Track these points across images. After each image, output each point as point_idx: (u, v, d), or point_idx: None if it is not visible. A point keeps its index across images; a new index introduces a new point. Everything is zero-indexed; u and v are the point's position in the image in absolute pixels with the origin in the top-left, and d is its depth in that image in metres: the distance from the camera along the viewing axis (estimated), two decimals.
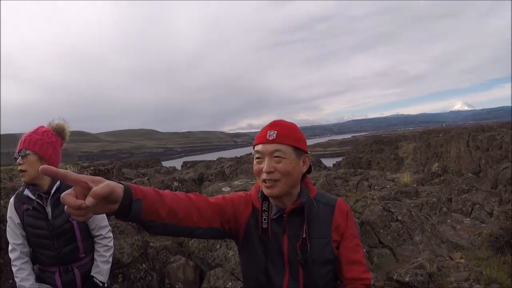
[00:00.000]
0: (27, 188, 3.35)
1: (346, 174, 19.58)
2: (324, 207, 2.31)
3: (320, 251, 2.21)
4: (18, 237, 3.35)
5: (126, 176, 16.46)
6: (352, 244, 2.28)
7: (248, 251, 2.35)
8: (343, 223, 2.28)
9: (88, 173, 9.28)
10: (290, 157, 2.18)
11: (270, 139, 2.18)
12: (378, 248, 6.63)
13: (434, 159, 52.20)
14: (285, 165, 2.16)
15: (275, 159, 2.17)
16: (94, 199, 1.50)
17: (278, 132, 2.20)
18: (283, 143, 2.18)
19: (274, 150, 2.17)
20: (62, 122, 3.59)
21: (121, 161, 43.85)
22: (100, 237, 3.55)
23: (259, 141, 2.24)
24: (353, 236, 2.31)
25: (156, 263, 5.93)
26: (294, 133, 2.25)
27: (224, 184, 6.90)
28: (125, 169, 20.85)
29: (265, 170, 2.17)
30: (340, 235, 2.27)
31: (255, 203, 2.35)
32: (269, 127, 2.24)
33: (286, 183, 2.18)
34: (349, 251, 2.27)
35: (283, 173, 2.16)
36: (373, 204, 7.49)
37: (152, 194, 1.87)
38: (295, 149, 2.21)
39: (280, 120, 2.32)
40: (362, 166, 58.72)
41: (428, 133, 64.31)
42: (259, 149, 2.22)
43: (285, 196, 2.24)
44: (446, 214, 11.23)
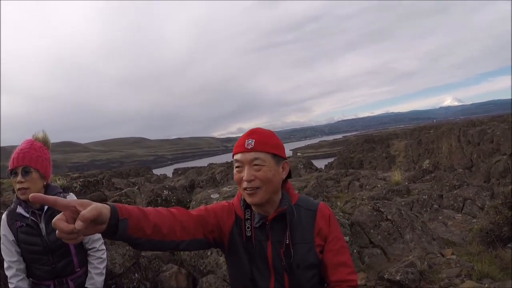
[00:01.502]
0: (19, 205, 3.35)
1: (338, 174, 19.65)
2: (306, 212, 2.34)
3: (303, 256, 2.25)
4: (13, 254, 3.35)
5: (116, 186, 16.43)
6: (336, 246, 2.31)
7: (233, 258, 2.38)
8: (325, 227, 2.31)
9: (78, 185, 9.29)
10: (269, 165, 2.21)
11: (248, 148, 2.22)
12: (369, 248, 6.66)
13: (425, 155, 52.36)
14: (265, 172, 2.19)
15: (254, 167, 2.20)
16: (83, 222, 1.57)
17: (256, 140, 2.23)
18: (262, 151, 2.22)
19: (253, 159, 2.21)
20: (45, 133, 3.59)
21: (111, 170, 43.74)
22: (94, 249, 3.57)
23: (238, 150, 2.27)
24: (337, 238, 2.33)
25: (148, 272, 5.95)
26: (272, 141, 2.29)
27: (213, 191, 6.92)
28: (115, 179, 20.80)
29: (245, 179, 2.20)
30: (323, 239, 2.30)
31: (237, 211, 2.39)
32: (247, 136, 2.28)
33: (267, 190, 2.22)
34: (334, 254, 2.30)
35: (263, 181, 2.19)
36: (363, 205, 7.52)
37: (137, 213, 1.94)
38: (274, 156, 2.25)
39: (258, 128, 2.35)
40: (354, 166, 58.80)
41: (419, 130, 64.56)
42: (239, 158, 2.25)
43: (266, 203, 2.28)
44: (437, 210, 11.30)
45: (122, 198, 9.13)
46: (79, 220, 1.57)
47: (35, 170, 3.27)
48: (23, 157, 3.25)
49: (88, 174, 23.70)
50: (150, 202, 8.65)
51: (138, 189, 10.21)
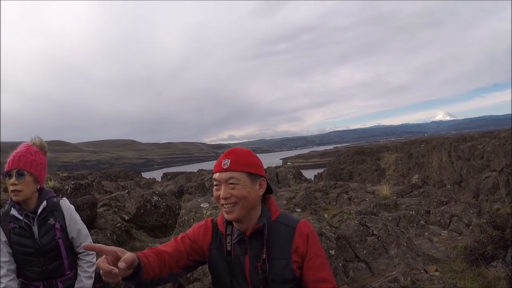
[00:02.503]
0: (13, 207, 3.42)
1: (326, 186, 19.64)
2: (285, 229, 2.45)
3: (279, 271, 2.37)
4: (4, 254, 3.40)
5: (106, 189, 16.43)
6: (316, 264, 2.40)
7: (214, 271, 2.54)
8: (303, 246, 2.41)
9: (69, 187, 9.31)
10: (243, 183, 2.36)
11: (224, 168, 2.38)
12: (354, 262, 6.68)
13: (416, 169, 52.42)
14: (239, 190, 2.35)
15: (230, 185, 2.36)
16: (125, 264, 1.97)
17: (231, 160, 2.39)
18: (236, 170, 2.37)
19: (228, 178, 2.36)
20: (41, 140, 3.68)
21: (101, 171, 43.55)
22: (84, 254, 3.64)
23: (215, 170, 2.44)
24: (317, 256, 2.42)
25: None
26: (248, 160, 2.44)
27: (203, 200, 6.96)
28: (105, 182, 20.77)
29: (222, 197, 2.36)
30: (300, 257, 2.40)
31: (220, 227, 2.56)
32: (224, 156, 2.45)
33: (243, 206, 2.36)
34: (314, 271, 2.38)
35: (239, 198, 2.34)
36: (350, 219, 7.57)
37: (148, 259, 2.29)
38: (249, 175, 2.39)
39: (236, 148, 2.51)
40: (343, 177, 58.80)
41: (410, 144, 64.65)
42: (216, 177, 2.42)
43: (245, 219, 2.43)
44: (423, 227, 11.38)
45: (112, 202, 9.17)
46: (122, 261, 1.96)
47: (29, 174, 3.35)
48: (18, 160, 3.33)
49: (77, 174, 23.65)
50: (139, 207, 8.69)
51: (128, 193, 10.25)
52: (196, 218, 6.47)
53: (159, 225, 8.71)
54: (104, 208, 8.53)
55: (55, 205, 3.53)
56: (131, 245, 7.27)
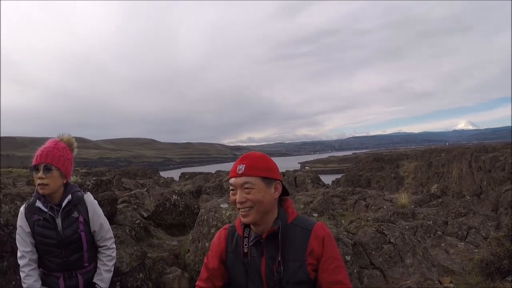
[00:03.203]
0: (38, 199, 3.51)
1: (344, 192, 19.58)
2: (301, 231, 2.51)
3: (294, 273, 2.43)
4: (27, 244, 3.52)
5: (125, 186, 16.57)
6: (331, 266, 2.45)
7: (231, 272, 2.65)
8: (318, 248, 2.46)
9: (91, 183, 9.45)
10: (258, 187, 2.44)
11: (239, 173, 2.47)
12: (369, 269, 6.67)
13: (435, 179, 51.88)
14: (254, 195, 2.42)
15: (245, 190, 2.44)
16: None
17: (246, 166, 2.47)
18: (251, 175, 2.45)
19: (243, 183, 2.44)
20: (70, 137, 3.78)
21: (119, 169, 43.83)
22: (105, 247, 3.75)
23: (231, 175, 2.53)
24: (333, 258, 2.47)
25: (152, 273, 6.07)
26: (262, 164, 2.50)
27: (222, 201, 7.00)
28: (124, 179, 20.93)
29: (237, 201, 2.45)
30: (315, 259, 2.46)
31: (238, 230, 2.66)
32: (239, 161, 2.53)
33: (258, 210, 2.44)
34: (329, 273, 2.44)
35: (254, 202, 2.42)
36: (367, 226, 7.55)
37: None
38: (264, 179, 2.46)
39: (250, 153, 2.59)
40: (361, 184, 58.46)
41: (430, 152, 63.91)
42: (232, 182, 2.51)
43: (260, 222, 2.51)
44: (440, 237, 11.31)
45: (131, 199, 9.27)
46: None
47: (56, 169, 3.45)
48: (46, 155, 3.43)
49: (96, 171, 23.87)
50: (158, 205, 8.76)
51: (147, 191, 10.33)
52: (215, 218, 6.52)
53: (177, 223, 8.78)
54: (124, 205, 8.63)
55: (80, 199, 3.63)
56: (149, 242, 7.36)
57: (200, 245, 6.57)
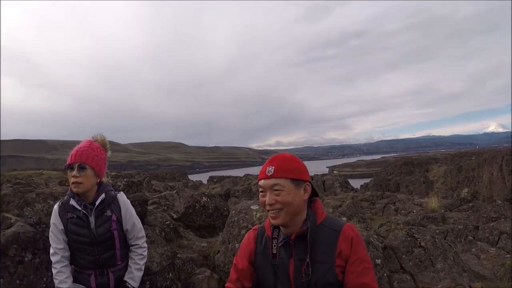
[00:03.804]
0: (72, 198, 3.59)
1: (373, 196, 19.47)
2: (330, 232, 2.52)
3: (322, 274, 2.43)
4: (60, 242, 3.60)
5: (155, 188, 16.71)
6: (359, 268, 2.44)
7: (260, 273, 2.67)
8: (346, 249, 2.46)
9: (122, 184, 9.57)
10: (288, 189, 2.45)
11: (268, 175, 2.49)
12: (399, 273, 6.59)
13: (465, 183, 51.15)
14: (284, 197, 2.44)
15: (274, 192, 2.46)
16: None
17: (275, 168, 2.49)
18: (280, 177, 2.46)
19: (273, 185, 2.46)
20: (104, 137, 3.86)
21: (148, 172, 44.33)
22: (136, 246, 3.82)
23: (260, 177, 2.56)
24: (360, 260, 2.46)
25: (181, 273, 6.12)
26: (291, 166, 2.52)
27: (252, 202, 7.02)
28: (154, 181, 21.12)
29: (267, 203, 2.48)
30: (344, 261, 2.46)
31: (267, 231, 2.69)
32: (268, 163, 2.55)
33: (288, 212, 2.46)
34: (356, 275, 2.43)
35: (283, 204, 2.44)
36: (398, 229, 7.47)
37: None
38: (293, 181, 2.48)
39: (280, 155, 2.59)
40: (390, 188, 57.96)
41: (460, 156, 62.99)
42: (261, 184, 2.53)
43: (289, 223, 2.52)
44: (471, 242, 11.16)
45: (161, 200, 9.35)
46: None
47: (90, 168, 3.54)
48: (81, 154, 3.52)
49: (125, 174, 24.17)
50: (188, 207, 8.82)
51: (177, 193, 10.41)
52: (245, 219, 6.54)
53: (207, 225, 8.83)
54: (154, 206, 8.70)
55: (113, 198, 3.70)
56: (179, 243, 7.42)
57: (230, 246, 6.60)
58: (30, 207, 6.70)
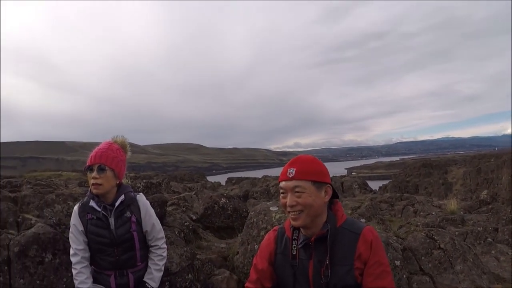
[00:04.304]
0: (92, 199, 3.63)
1: (392, 198, 19.33)
2: (350, 235, 2.53)
3: (342, 276, 2.44)
4: (80, 243, 3.63)
5: (174, 189, 16.77)
6: (377, 271, 2.46)
7: (280, 274, 2.68)
8: (366, 252, 2.47)
9: (141, 185, 9.64)
10: (309, 191, 2.47)
11: (290, 177, 2.50)
12: (418, 275, 6.55)
13: (484, 185, 50.75)
14: (305, 198, 2.46)
15: (296, 194, 2.47)
16: None
17: (296, 170, 2.50)
18: (302, 179, 2.48)
19: (294, 186, 2.48)
20: (124, 138, 3.89)
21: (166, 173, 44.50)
22: (156, 247, 3.84)
23: (281, 179, 2.56)
24: (379, 263, 2.47)
25: (201, 274, 6.14)
26: (313, 168, 2.53)
27: (271, 204, 7.03)
28: (173, 183, 21.19)
29: (288, 204, 2.50)
30: (363, 263, 2.47)
31: (287, 232, 2.71)
32: (289, 165, 2.56)
33: (308, 214, 2.48)
34: (374, 278, 2.45)
35: (304, 206, 2.46)
36: (417, 231, 7.43)
37: None
38: (314, 183, 2.49)
39: (300, 157, 2.61)
40: (409, 190, 57.61)
41: (479, 158, 62.46)
42: (282, 186, 2.55)
43: (310, 225, 2.54)
44: (491, 244, 11.06)
45: (180, 202, 9.40)
46: None
47: (110, 169, 3.58)
48: (100, 156, 3.56)
49: (144, 175, 24.28)
50: (207, 208, 8.86)
51: (196, 194, 10.45)
52: (264, 221, 6.55)
53: (225, 226, 8.86)
54: (173, 207, 8.75)
55: (132, 199, 3.72)
56: (198, 244, 7.45)
57: (249, 247, 6.62)
58: (50, 208, 6.79)
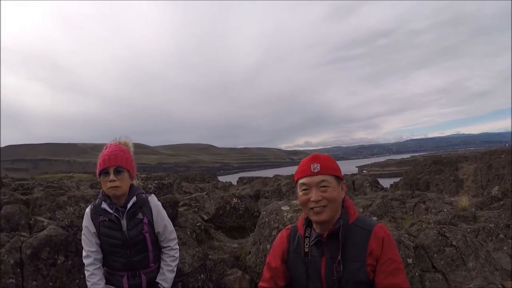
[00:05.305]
0: (104, 201, 3.66)
1: (403, 195, 19.29)
2: (362, 232, 2.57)
3: (354, 272, 2.48)
4: (92, 244, 3.67)
5: (185, 190, 16.83)
6: (389, 268, 2.48)
7: (292, 272, 2.72)
8: (378, 249, 2.50)
9: (153, 186, 9.69)
10: (333, 185, 2.54)
11: (315, 171, 2.55)
12: (431, 272, 6.55)
13: (495, 181, 50.46)
14: (330, 193, 2.52)
15: (321, 188, 2.52)
16: None
17: (321, 165, 2.56)
18: (327, 174, 2.55)
19: (320, 181, 2.53)
20: (127, 139, 3.92)
21: (178, 174, 44.65)
22: (168, 248, 3.87)
23: (304, 174, 2.60)
24: (391, 260, 2.50)
25: (213, 274, 6.18)
26: (333, 164, 2.62)
27: (283, 203, 7.04)
28: (184, 183, 21.26)
29: (314, 199, 2.52)
30: (375, 260, 2.50)
31: (299, 230, 2.75)
32: (311, 161, 2.60)
33: (332, 208, 2.53)
34: (386, 275, 2.47)
35: (329, 200, 2.51)
36: (429, 228, 7.41)
37: None
38: (336, 178, 2.57)
39: (319, 154, 2.67)
40: (420, 187, 57.41)
41: (490, 154, 62.06)
42: (306, 181, 2.57)
43: (331, 220, 2.57)
44: (503, 240, 11.01)
45: (192, 202, 9.44)
46: None
47: (126, 170, 3.61)
48: (115, 158, 3.56)
49: (155, 176, 24.36)
50: (219, 208, 8.89)
51: (207, 194, 10.49)
52: (276, 220, 6.56)
53: (237, 226, 8.88)
54: (185, 208, 8.78)
55: (144, 200, 3.75)
56: (210, 244, 7.48)
57: (262, 247, 6.64)
58: (62, 210, 6.85)
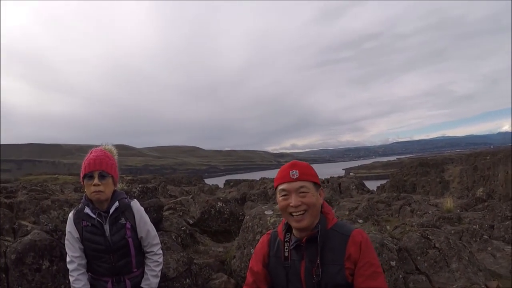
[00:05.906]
0: (87, 206, 3.67)
1: (389, 198, 19.42)
2: (340, 236, 2.63)
3: (332, 276, 2.54)
4: (76, 250, 3.67)
5: (171, 193, 16.80)
6: (368, 272, 2.54)
7: (274, 276, 2.79)
8: (355, 253, 2.56)
9: (137, 190, 9.66)
10: (311, 191, 2.61)
11: (294, 178, 2.62)
12: (415, 274, 6.61)
13: (481, 182, 50.93)
14: (309, 198, 2.59)
15: (300, 194, 2.59)
16: None
17: (299, 172, 2.64)
18: (306, 180, 2.62)
19: (299, 187, 2.60)
20: (112, 146, 3.94)
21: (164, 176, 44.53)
22: (152, 253, 3.88)
23: (283, 180, 2.67)
24: (370, 264, 2.56)
25: (198, 279, 6.18)
26: (311, 171, 2.69)
27: (267, 208, 7.07)
28: (170, 186, 21.22)
29: (293, 205, 2.58)
30: (353, 264, 2.56)
31: (279, 235, 2.82)
32: (290, 168, 2.68)
33: (312, 214, 2.60)
34: (365, 279, 2.53)
35: (309, 205, 2.58)
36: (412, 231, 7.50)
37: None
38: (314, 184, 2.64)
39: (297, 161, 2.75)
40: (406, 189, 57.75)
41: (475, 156, 62.74)
42: (285, 187, 2.65)
43: (310, 226, 2.63)
44: (486, 241, 11.11)
45: (177, 206, 9.43)
46: None
47: (110, 176, 3.64)
48: (100, 163, 3.58)
49: (141, 178, 24.29)
50: (204, 212, 8.90)
51: (192, 198, 10.49)
52: (260, 225, 6.59)
53: (222, 230, 8.90)
54: (170, 212, 8.78)
55: (126, 205, 3.76)
56: (195, 248, 7.49)
57: (246, 251, 6.65)
58: (46, 214, 6.83)
